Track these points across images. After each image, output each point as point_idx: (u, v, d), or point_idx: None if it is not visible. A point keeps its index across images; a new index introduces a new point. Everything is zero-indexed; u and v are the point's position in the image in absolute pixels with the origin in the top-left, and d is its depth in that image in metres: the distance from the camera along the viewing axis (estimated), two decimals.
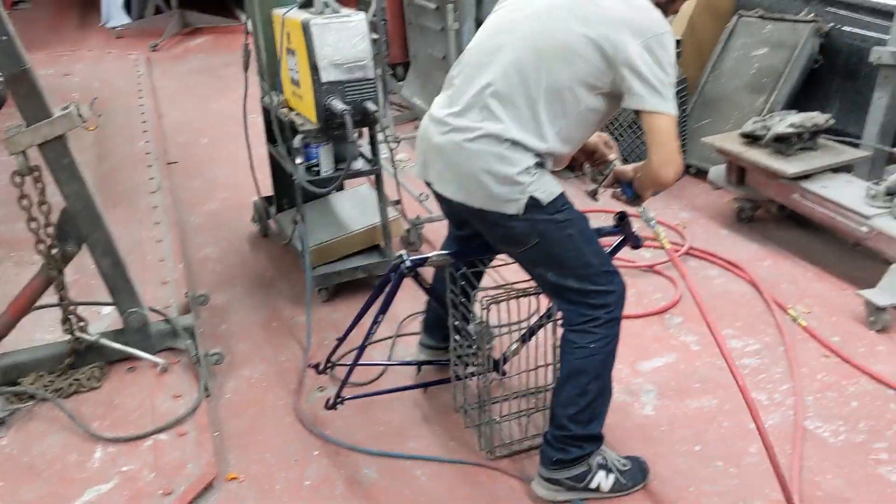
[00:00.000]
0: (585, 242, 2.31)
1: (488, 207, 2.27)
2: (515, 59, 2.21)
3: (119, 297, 3.01)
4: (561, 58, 2.17)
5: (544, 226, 2.26)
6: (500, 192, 2.22)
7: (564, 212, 2.27)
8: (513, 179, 2.20)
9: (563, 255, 2.31)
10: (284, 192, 4.05)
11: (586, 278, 2.30)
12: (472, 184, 2.26)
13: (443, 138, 2.31)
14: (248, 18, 3.60)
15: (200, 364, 2.99)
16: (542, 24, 2.21)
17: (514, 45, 2.23)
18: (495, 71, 2.23)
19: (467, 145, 2.24)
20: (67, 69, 7.45)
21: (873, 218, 3.38)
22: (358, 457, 2.68)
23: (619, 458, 2.48)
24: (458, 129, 2.26)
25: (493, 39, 2.31)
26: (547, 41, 2.19)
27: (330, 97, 3.12)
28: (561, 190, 2.28)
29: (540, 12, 2.23)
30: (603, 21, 2.14)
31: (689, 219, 4.29)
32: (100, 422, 2.79)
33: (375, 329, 2.68)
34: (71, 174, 2.79)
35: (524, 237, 2.29)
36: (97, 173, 4.90)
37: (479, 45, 2.35)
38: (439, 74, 5.21)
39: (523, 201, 2.21)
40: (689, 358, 3.14)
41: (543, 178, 2.24)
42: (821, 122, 3.82)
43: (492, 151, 2.20)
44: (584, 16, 2.16)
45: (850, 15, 4.61)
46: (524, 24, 2.24)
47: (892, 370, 3.00)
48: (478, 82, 2.26)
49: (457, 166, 2.29)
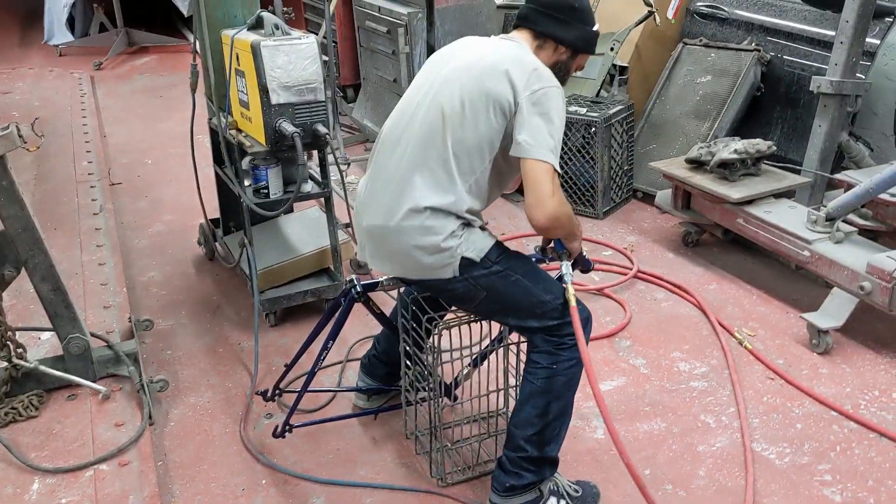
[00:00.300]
0: (533, 282, 2.33)
1: (426, 277, 2.35)
2: (425, 129, 2.29)
3: (59, 323, 2.92)
4: (463, 116, 2.25)
5: (485, 280, 2.30)
6: (431, 261, 2.28)
7: (501, 262, 2.31)
8: (440, 248, 2.25)
9: (514, 301, 2.34)
10: (232, 214, 3.99)
11: (545, 316, 2.32)
12: (404, 260, 2.33)
13: (368, 221, 2.38)
14: (197, 39, 3.55)
15: (144, 391, 2.91)
16: (443, 90, 2.30)
17: (423, 115, 2.31)
18: (407, 145, 2.31)
19: (391, 226, 2.29)
20: (7, 87, 7.26)
21: (814, 242, 3.46)
22: (307, 485, 2.63)
23: (571, 484, 2.48)
24: (381, 209, 2.31)
25: (405, 114, 2.39)
26: (449, 103, 2.27)
27: (279, 119, 3.09)
28: (492, 242, 2.32)
29: (442, 81, 2.32)
30: (496, 74, 2.23)
31: (636, 242, 4.34)
32: (38, 452, 2.69)
33: (325, 355, 2.64)
34: (9, 196, 2.70)
35: (470, 294, 2.35)
36: (37, 194, 4.77)
37: (394, 121, 2.42)
38: (390, 97, 5.22)
39: (456, 263, 2.27)
40: (638, 381, 3.16)
41: (472, 237, 2.29)
42: (764, 148, 3.91)
43: (414, 226, 2.25)
44: (479, 71, 2.26)
45: (790, 45, 4.74)
46: (429, 97, 2.33)
47: (834, 392, 3.06)
48: (395, 156, 2.33)
49: (386, 246, 2.35)
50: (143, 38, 8.69)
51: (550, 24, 2.37)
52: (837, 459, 2.72)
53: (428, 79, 2.39)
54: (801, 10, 4.74)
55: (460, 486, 2.61)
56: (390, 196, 2.30)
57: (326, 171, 3.42)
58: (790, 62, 4.71)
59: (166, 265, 4.16)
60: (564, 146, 4.59)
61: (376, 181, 2.38)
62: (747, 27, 5.00)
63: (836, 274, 3.35)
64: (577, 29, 2.39)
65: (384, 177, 2.35)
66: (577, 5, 2.38)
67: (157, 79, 7.76)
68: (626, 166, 4.75)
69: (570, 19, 2.37)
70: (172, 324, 3.61)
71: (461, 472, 2.65)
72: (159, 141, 5.99)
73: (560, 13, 2.37)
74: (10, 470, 2.60)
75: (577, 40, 2.40)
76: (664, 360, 3.29)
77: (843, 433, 2.85)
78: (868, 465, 2.69)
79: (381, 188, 2.34)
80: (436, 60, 2.46)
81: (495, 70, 2.24)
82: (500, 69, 2.23)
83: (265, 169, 3.37)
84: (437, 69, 2.39)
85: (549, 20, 2.37)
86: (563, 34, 2.38)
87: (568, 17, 2.37)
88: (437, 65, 2.42)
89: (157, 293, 3.88)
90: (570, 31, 2.38)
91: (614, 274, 3.98)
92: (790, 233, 3.57)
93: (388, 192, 2.31)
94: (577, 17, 2.38)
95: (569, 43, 2.39)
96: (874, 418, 2.91)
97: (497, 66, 2.25)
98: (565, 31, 2.38)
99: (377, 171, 2.39)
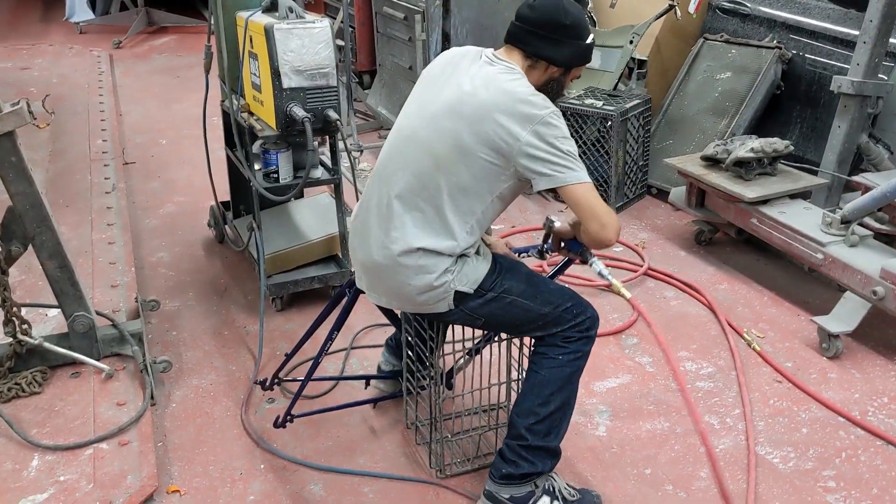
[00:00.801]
0: (531, 299, 2.30)
1: (421, 311, 2.35)
2: (416, 168, 2.23)
3: (64, 300, 2.92)
4: (458, 160, 2.18)
5: (481, 309, 2.29)
6: (424, 298, 2.27)
7: (495, 287, 2.28)
8: (432, 286, 2.23)
9: (514, 320, 2.33)
10: (242, 197, 3.99)
11: (546, 326, 2.31)
12: (398, 295, 2.33)
13: (362, 255, 2.35)
14: (212, 18, 3.53)
15: (147, 371, 2.91)
16: (434, 129, 2.22)
17: (414, 156, 2.25)
18: (398, 182, 2.25)
19: (384, 263, 2.27)
20: (26, 63, 7.29)
21: (828, 245, 3.41)
22: (305, 472, 2.63)
23: (568, 488, 2.44)
24: (374, 245, 2.28)
25: (396, 147, 2.33)
26: (441, 146, 2.20)
27: (291, 104, 3.07)
28: (486, 269, 2.28)
29: (431, 117, 2.24)
30: (487, 117, 2.15)
31: (648, 239, 4.30)
32: (39, 429, 2.70)
33: (329, 346, 2.63)
34: (18, 172, 2.70)
35: (468, 321, 2.36)
36: (50, 171, 4.78)
37: (387, 154, 2.36)
38: (405, 84, 5.19)
39: (450, 298, 2.26)
40: (643, 379, 3.13)
41: (465, 269, 2.26)
42: (780, 147, 3.85)
43: (406, 265, 2.23)
44: (469, 114, 2.17)
45: (812, 43, 4.68)
46: (419, 133, 2.26)
47: (842, 397, 3.02)
48: (385, 194, 2.28)
49: (380, 281, 2.34)
50: (162, 18, 8.72)
51: (541, 45, 2.24)
52: (842, 466, 2.69)
53: (418, 110, 2.31)
54: (825, 8, 4.67)
55: (459, 477, 2.60)
56: (383, 233, 2.26)
57: (337, 157, 3.40)
58: (812, 61, 4.64)
59: (175, 246, 4.16)
60: (579, 139, 4.57)
61: (369, 214, 2.32)
62: (769, 24, 4.94)
63: (849, 277, 3.30)
64: (569, 47, 2.26)
65: (376, 212, 2.29)
66: (568, 22, 2.23)
67: (175, 59, 7.77)
68: (641, 161, 4.70)
69: (562, 38, 2.24)
70: (179, 305, 3.61)
71: (460, 464, 2.63)
72: (174, 122, 5.99)
73: (551, 32, 2.23)
74: (11, 445, 2.62)
75: (570, 59, 2.29)
76: (671, 359, 3.26)
77: (849, 439, 2.81)
78: (873, 473, 2.65)
79: (374, 223, 2.29)
80: (426, 84, 2.36)
81: (487, 114, 2.14)
82: (492, 112, 2.14)
83: (275, 153, 3.35)
84: (427, 97, 2.31)
85: (539, 40, 2.24)
86: (555, 54, 2.25)
87: (559, 35, 2.23)
88: (427, 91, 2.34)
89: (165, 274, 3.89)
90: (562, 49, 2.25)
91: (624, 270, 3.94)
92: (804, 234, 3.52)
93: (381, 229, 2.27)
94: (570, 34, 2.25)
95: (561, 62, 2.28)
96: (882, 425, 2.87)
97: (488, 107, 2.15)
98: (557, 51, 2.25)
99: (369, 203, 2.34)
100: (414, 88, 2.43)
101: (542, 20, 2.24)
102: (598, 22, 5.67)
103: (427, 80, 2.38)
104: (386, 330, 3.34)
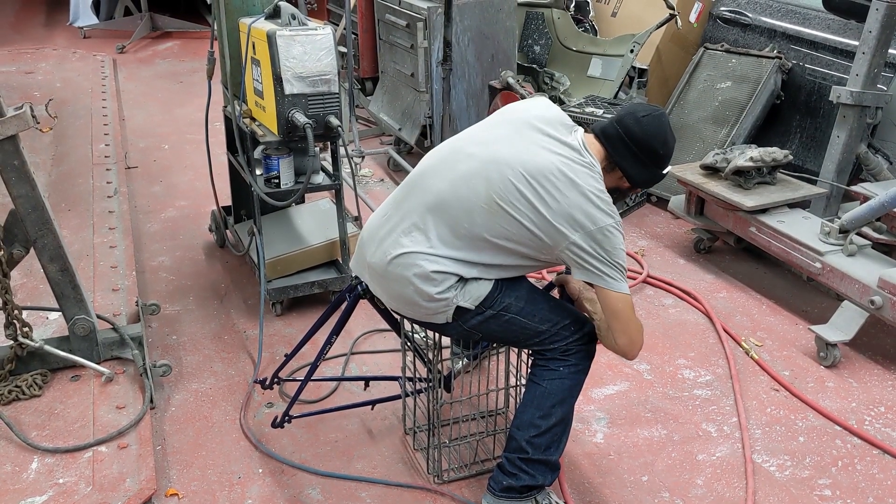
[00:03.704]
0: (529, 317, 2.31)
1: (420, 318, 2.36)
2: (462, 200, 2.21)
3: (65, 304, 2.94)
4: (505, 214, 2.17)
5: (479, 326, 2.31)
6: (426, 307, 2.28)
7: (495, 305, 2.28)
8: (434, 297, 2.24)
9: (511, 336, 2.35)
10: (243, 202, 4.00)
11: (543, 343, 2.32)
12: (399, 299, 2.32)
13: (373, 258, 2.33)
14: (215, 24, 3.56)
15: (147, 375, 2.92)
16: (496, 173, 2.18)
17: (465, 186, 2.21)
18: (438, 201, 2.24)
19: (391, 269, 2.27)
20: (30, 67, 7.31)
21: (827, 254, 3.42)
22: (303, 476, 2.64)
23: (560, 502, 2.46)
24: (387, 250, 2.28)
25: (446, 162, 2.30)
26: (499, 196, 2.17)
27: (292, 110, 3.09)
28: (489, 287, 2.27)
29: (496, 161, 2.20)
30: (559, 218, 2.14)
31: (647, 247, 4.32)
32: (38, 431, 2.71)
33: (328, 349, 2.64)
34: (21, 176, 2.72)
35: (466, 335, 2.39)
36: (53, 175, 4.80)
37: (434, 169, 2.32)
38: (407, 91, 5.20)
39: (450, 312, 2.27)
40: (641, 387, 3.14)
41: (468, 286, 2.26)
42: (780, 157, 3.87)
43: (416, 273, 2.23)
44: (538, 192, 2.15)
45: (812, 53, 4.69)
46: (484, 165, 2.21)
47: (839, 406, 3.03)
48: (416, 208, 2.27)
49: (387, 284, 2.33)
50: (166, 23, 8.74)
51: (628, 159, 2.28)
52: (839, 474, 2.69)
53: (488, 140, 2.28)
54: (825, 18, 4.69)
55: (456, 483, 2.61)
56: (399, 246, 2.25)
57: (338, 163, 3.42)
58: (812, 71, 4.66)
59: (177, 250, 4.18)
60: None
61: (396, 224, 2.29)
62: (770, 34, 4.95)
63: (847, 287, 3.31)
64: (650, 172, 2.32)
65: (401, 226, 2.28)
66: (661, 152, 2.29)
67: (179, 64, 7.79)
68: None
69: (648, 161, 2.29)
70: (179, 309, 3.62)
71: (457, 470, 2.64)
72: (177, 126, 6.01)
73: (643, 153, 2.27)
74: (10, 448, 2.63)
75: (645, 181, 2.35)
76: (668, 366, 3.27)
77: (845, 448, 2.82)
78: (869, 482, 2.66)
79: (394, 233, 2.28)
80: (508, 120, 2.33)
81: (562, 212, 2.14)
82: (567, 210, 2.14)
83: (277, 159, 3.37)
84: (501, 136, 2.27)
85: (628, 154, 2.27)
86: (635, 173, 2.30)
87: (648, 158, 2.28)
88: (504, 129, 2.29)
89: (165, 278, 3.90)
90: (644, 171, 2.31)
91: None
92: (803, 243, 3.53)
93: (398, 244, 2.26)
94: (657, 161, 2.30)
95: (636, 182, 2.33)
96: (878, 434, 2.87)
97: (563, 204, 2.14)
98: (638, 171, 2.30)
99: (396, 213, 2.32)
100: (492, 116, 2.42)
101: (642, 140, 2.26)
102: (600, 31, 5.70)
103: (509, 116, 2.36)
104: (385, 335, 3.36)
